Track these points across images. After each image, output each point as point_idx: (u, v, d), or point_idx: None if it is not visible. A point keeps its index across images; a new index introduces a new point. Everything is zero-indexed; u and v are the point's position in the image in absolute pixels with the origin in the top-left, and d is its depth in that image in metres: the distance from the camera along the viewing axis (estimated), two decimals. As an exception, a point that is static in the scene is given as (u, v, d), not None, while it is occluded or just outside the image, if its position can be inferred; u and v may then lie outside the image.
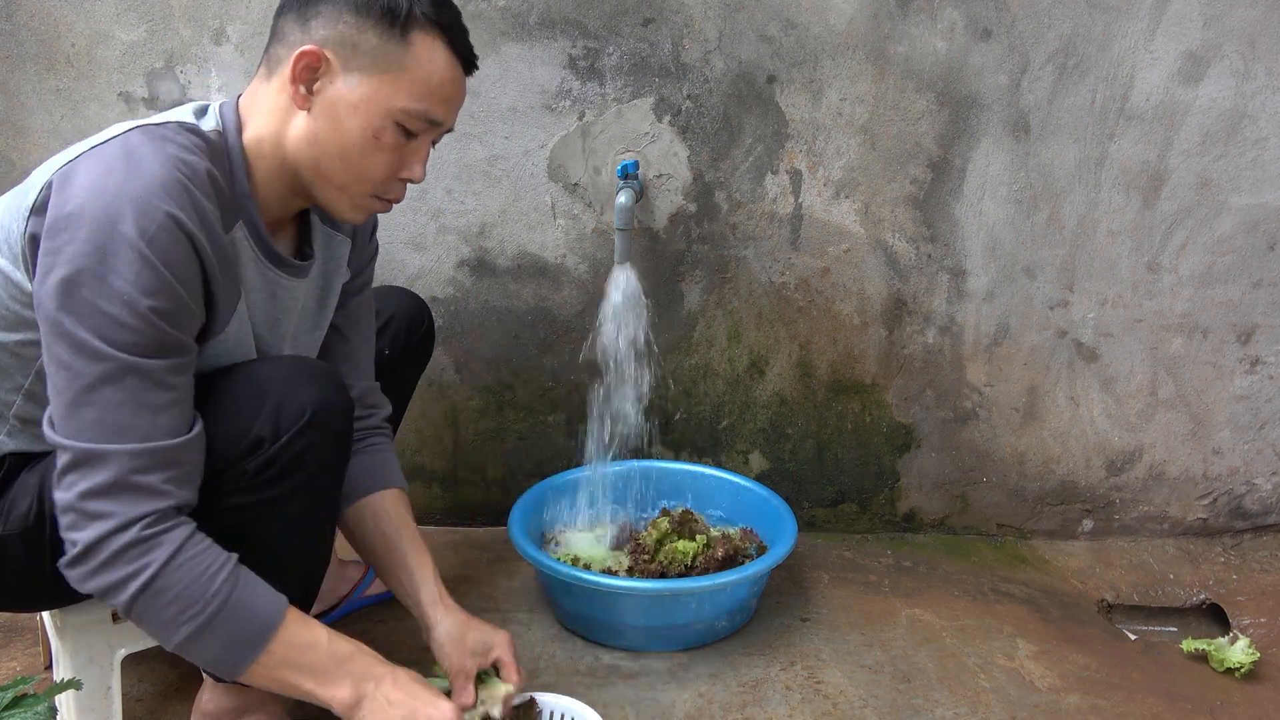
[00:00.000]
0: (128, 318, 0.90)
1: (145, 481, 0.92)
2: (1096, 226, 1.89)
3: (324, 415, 1.06)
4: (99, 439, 0.90)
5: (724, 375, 1.99)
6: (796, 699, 1.47)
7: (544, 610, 1.69)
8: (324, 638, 1.03)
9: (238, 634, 0.97)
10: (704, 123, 1.82)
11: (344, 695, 1.02)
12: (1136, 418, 2.01)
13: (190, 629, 0.94)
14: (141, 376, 0.92)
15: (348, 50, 1.03)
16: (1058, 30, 1.77)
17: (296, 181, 1.09)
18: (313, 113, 1.05)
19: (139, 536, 0.91)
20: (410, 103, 1.05)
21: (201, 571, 0.94)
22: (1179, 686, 1.56)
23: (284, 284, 1.15)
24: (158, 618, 0.94)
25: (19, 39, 1.76)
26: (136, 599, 0.92)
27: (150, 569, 0.91)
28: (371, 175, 1.08)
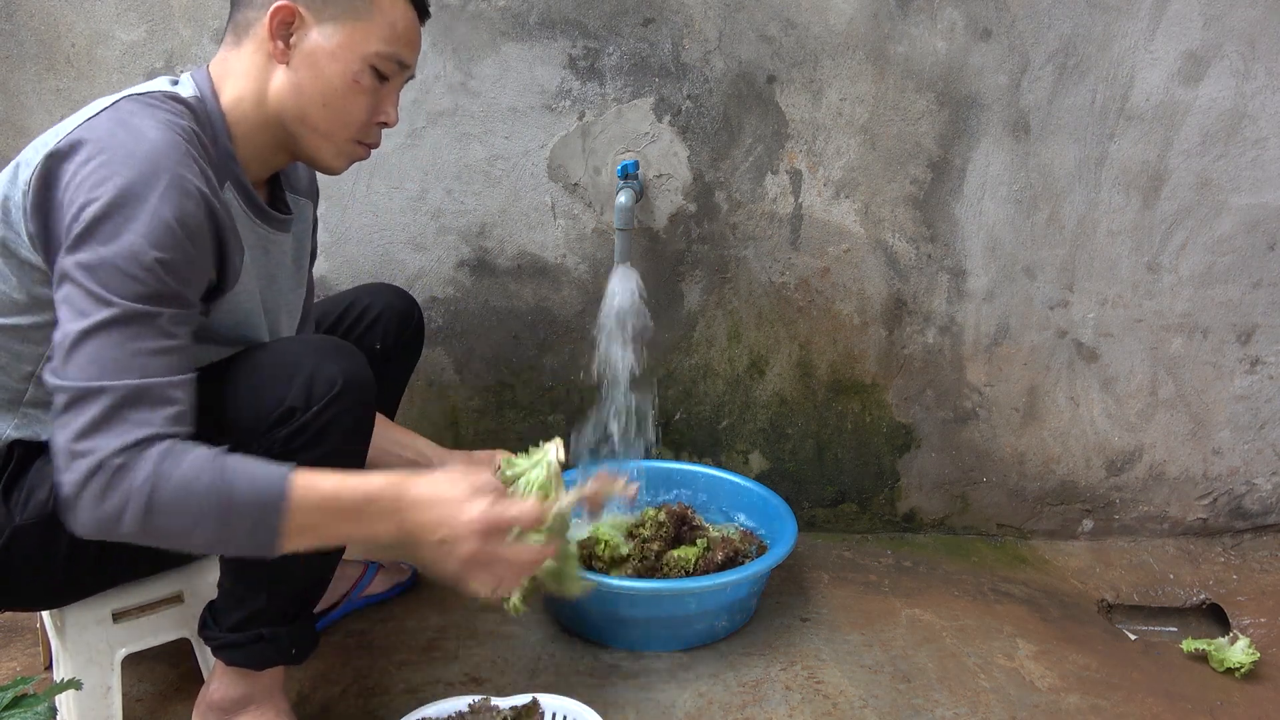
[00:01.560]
0: (135, 269, 0.93)
1: (134, 416, 0.92)
2: (1096, 226, 1.89)
3: (352, 387, 1.10)
4: (94, 377, 0.91)
5: (724, 375, 1.99)
6: (796, 699, 1.47)
7: (544, 610, 1.69)
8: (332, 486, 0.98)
9: (253, 516, 0.94)
10: (704, 123, 1.82)
11: (386, 531, 1.00)
12: (1136, 418, 2.01)
13: (205, 532, 0.93)
14: (142, 322, 0.94)
15: (318, 2, 1.09)
16: (1058, 30, 1.77)
17: (279, 137, 1.14)
18: (292, 65, 1.10)
19: (122, 463, 0.90)
20: (382, 46, 1.12)
21: (189, 475, 0.92)
22: (1179, 686, 1.56)
23: (273, 239, 1.21)
24: (172, 533, 0.93)
25: (19, 39, 1.76)
26: (142, 524, 0.91)
27: (139, 493, 0.90)
28: (354, 119, 1.14)
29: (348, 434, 1.11)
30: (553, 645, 1.59)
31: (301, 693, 1.43)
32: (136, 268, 0.93)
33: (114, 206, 0.94)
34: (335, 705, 1.41)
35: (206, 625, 1.20)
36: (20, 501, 1.08)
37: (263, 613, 1.17)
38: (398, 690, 1.44)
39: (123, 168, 0.95)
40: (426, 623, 1.64)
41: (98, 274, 0.93)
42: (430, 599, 1.72)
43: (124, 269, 0.93)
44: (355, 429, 1.13)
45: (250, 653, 1.18)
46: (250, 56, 1.12)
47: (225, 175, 1.11)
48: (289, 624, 1.19)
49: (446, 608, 1.69)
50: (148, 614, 1.27)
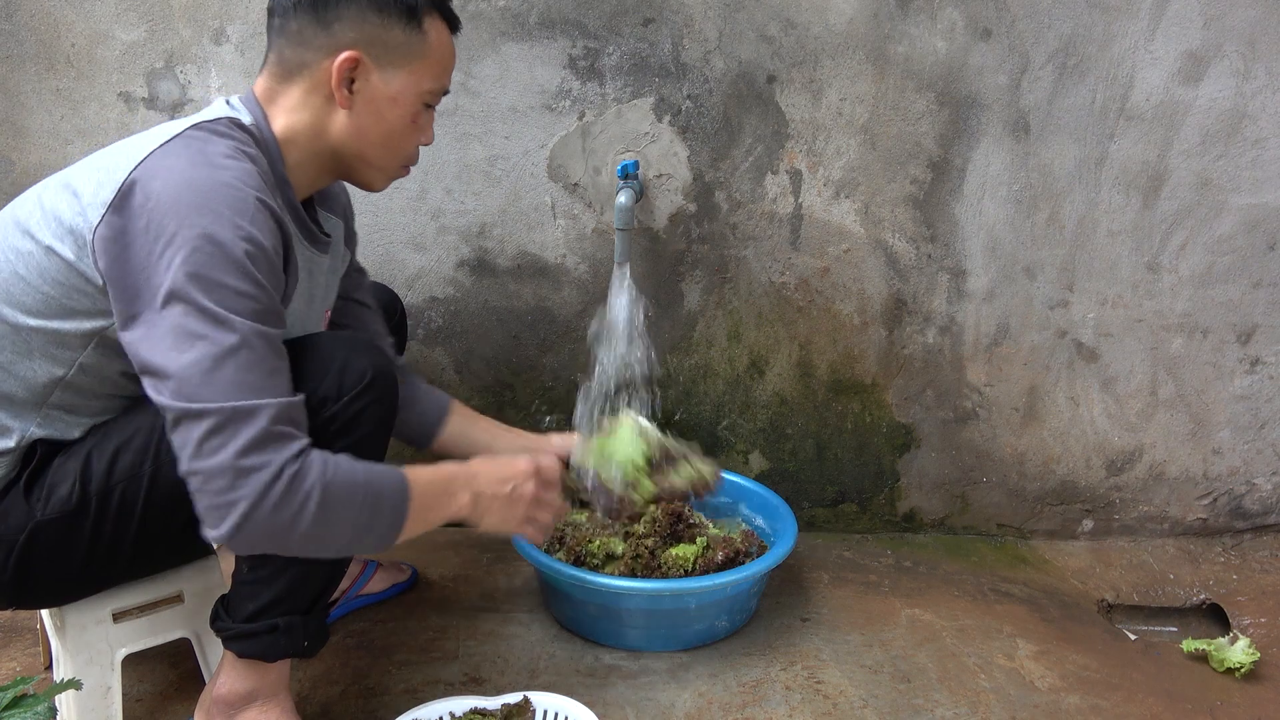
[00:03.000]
0: (250, 288, 0.99)
1: (289, 430, 0.99)
2: (1096, 226, 1.89)
3: (381, 380, 1.15)
4: (244, 396, 0.96)
5: (724, 375, 1.99)
6: (796, 699, 1.47)
7: (544, 610, 1.69)
8: (431, 470, 1.14)
9: (392, 503, 1.06)
10: (704, 123, 1.82)
11: (464, 501, 1.16)
12: (1136, 418, 2.01)
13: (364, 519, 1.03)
14: (266, 343, 1.00)
15: (379, 48, 1.13)
16: (1058, 30, 1.77)
17: (330, 166, 1.20)
18: (354, 109, 1.15)
19: (295, 470, 0.98)
20: (433, 83, 1.19)
21: (348, 473, 1.02)
22: (1179, 686, 1.56)
23: (317, 260, 1.26)
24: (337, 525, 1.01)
25: (19, 39, 1.76)
26: (318, 521, 0.99)
27: (317, 489, 0.98)
28: (407, 152, 1.22)
29: (376, 423, 1.16)
30: (552, 645, 1.59)
31: (301, 693, 1.43)
32: (246, 283, 0.98)
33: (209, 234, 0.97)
34: (335, 705, 1.41)
35: (218, 618, 1.20)
36: (42, 498, 1.09)
37: (279, 604, 1.18)
38: (398, 690, 1.44)
39: (210, 197, 0.98)
40: (426, 623, 1.64)
41: (212, 294, 0.96)
42: (430, 599, 1.72)
43: (234, 287, 0.97)
44: (382, 418, 1.18)
45: (264, 643, 1.18)
46: (305, 95, 1.14)
47: (281, 197, 1.14)
48: (304, 615, 1.20)
49: (446, 608, 1.69)
50: (148, 614, 1.27)
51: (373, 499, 1.04)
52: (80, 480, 1.08)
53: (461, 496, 1.16)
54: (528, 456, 1.24)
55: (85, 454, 1.10)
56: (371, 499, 1.04)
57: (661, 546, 1.62)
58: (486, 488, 1.18)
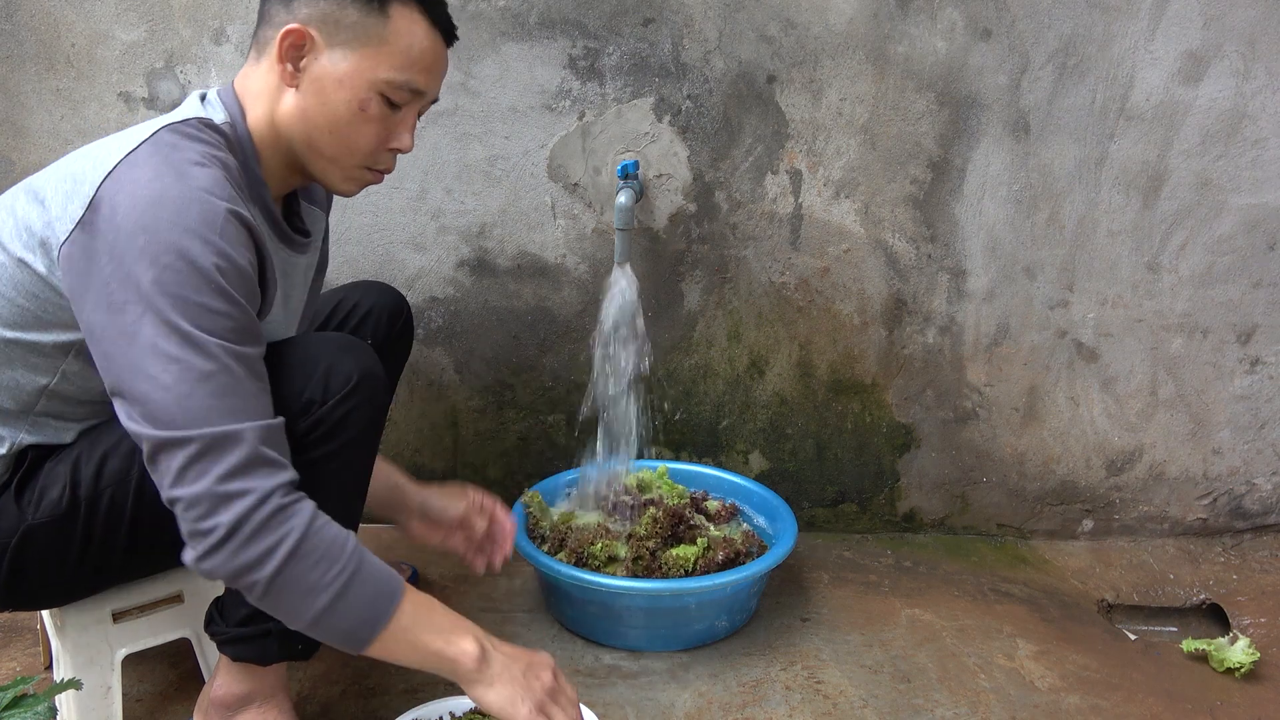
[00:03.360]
0: (220, 304, 0.94)
1: (272, 455, 0.95)
2: (1096, 226, 1.89)
3: (368, 382, 1.12)
4: (224, 421, 0.93)
5: (724, 375, 1.99)
6: (796, 699, 1.47)
7: (544, 610, 1.69)
8: (436, 603, 1.08)
9: (373, 595, 0.99)
10: (704, 123, 1.82)
11: (471, 649, 1.06)
12: (1136, 418, 2.01)
13: (331, 593, 0.96)
14: (244, 363, 0.96)
15: (330, 26, 1.07)
16: (1058, 30, 1.77)
17: (292, 158, 1.14)
18: (300, 89, 1.09)
19: (280, 504, 0.94)
20: (393, 74, 1.09)
21: (334, 536, 0.97)
22: (1179, 686, 1.56)
23: (292, 261, 1.21)
24: (299, 586, 0.95)
25: (19, 39, 1.76)
26: (281, 569, 0.93)
27: (295, 533, 0.94)
28: (360, 146, 1.12)
29: (363, 426, 1.13)
30: (553, 645, 1.59)
31: (301, 693, 1.43)
32: (220, 301, 0.94)
33: (179, 250, 0.92)
34: (335, 705, 1.41)
35: (213, 621, 1.20)
36: (33, 502, 1.08)
37: None
38: (397, 690, 1.44)
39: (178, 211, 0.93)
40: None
41: (186, 314, 0.92)
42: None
43: (209, 305, 0.93)
44: (370, 422, 1.15)
45: (257, 648, 1.18)
46: (265, 76, 1.11)
47: (255, 200, 1.11)
48: None
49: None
50: (148, 614, 1.27)
51: (355, 576, 0.97)
52: (70, 484, 1.07)
53: (467, 643, 1.06)
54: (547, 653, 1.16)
55: (74, 458, 1.09)
56: (353, 576, 0.97)
57: (662, 548, 1.63)
58: (500, 651, 1.10)
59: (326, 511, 1.12)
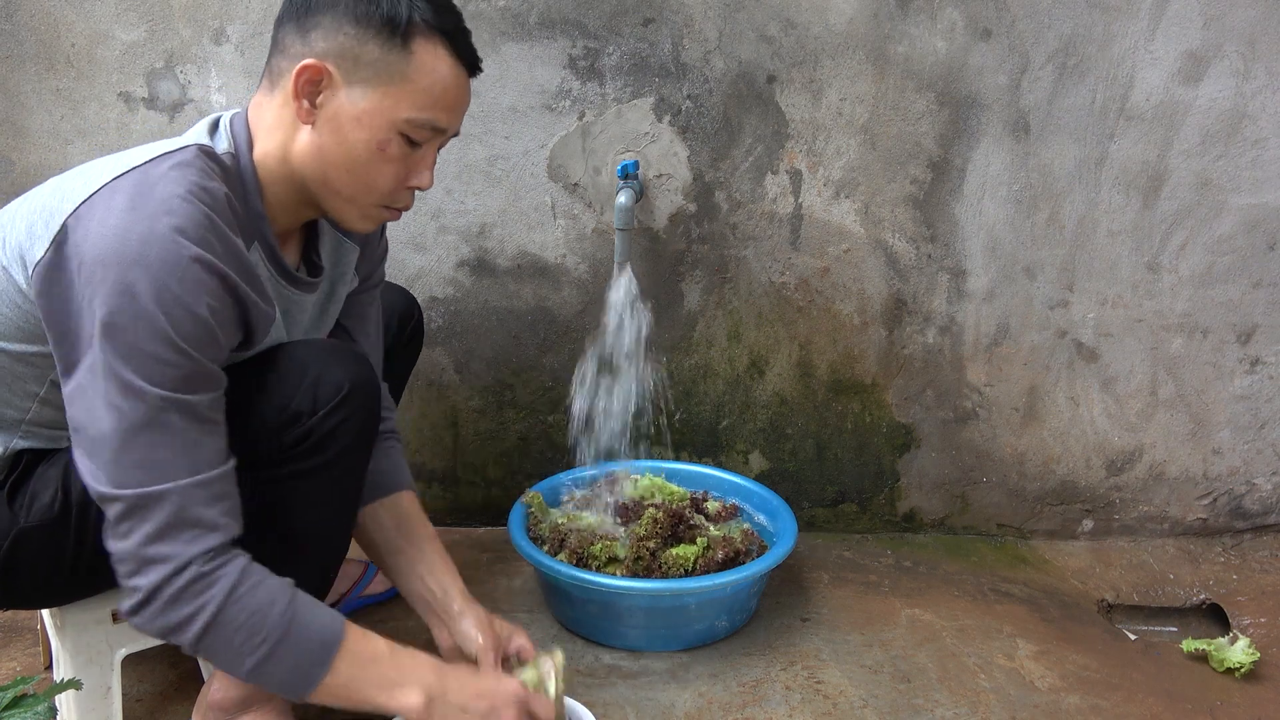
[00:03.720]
0: (168, 354, 0.91)
1: (201, 515, 0.94)
2: (1096, 226, 1.89)
3: (358, 392, 1.09)
4: (150, 481, 0.92)
5: (724, 375, 1.99)
6: (796, 699, 1.47)
7: (544, 610, 1.69)
8: (385, 649, 1.05)
9: (302, 657, 0.98)
10: (704, 123, 1.82)
11: (414, 702, 1.04)
12: (1136, 418, 2.01)
13: (256, 658, 0.96)
14: (185, 412, 0.93)
15: (349, 62, 1.02)
16: (1058, 30, 1.77)
17: (305, 194, 1.10)
18: (317, 126, 1.05)
19: (198, 573, 0.93)
20: (414, 113, 1.05)
21: (261, 602, 0.96)
22: (1179, 686, 1.56)
23: (295, 299, 1.18)
24: (224, 650, 0.96)
25: (19, 39, 1.76)
26: (202, 636, 0.94)
27: (212, 605, 0.93)
28: (379, 186, 1.08)
29: (354, 437, 1.11)
30: (552, 645, 1.59)
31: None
32: (166, 350, 0.91)
33: (132, 295, 0.89)
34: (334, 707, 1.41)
35: None
36: (25, 505, 1.08)
37: None
38: (398, 690, 1.44)
39: (139, 252, 0.90)
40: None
41: (127, 362, 0.90)
42: (430, 599, 1.72)
43: (153, 354, 0.91)
44: (361, 434, 1.13)
45: None
46: (279, 109, 1.06)
47: (253, 235, 1.07)
48: None
49: (446, 608, 1.69)
50: (148, 614, 1.26)
51: (280, 643, 0.96)
52: (61, 488, 1.07)
53: (410, 693, 1.03)
54: (520, 682, 1.13)
55: (66, 463, 1.08)
56: (279, 642, 0.96)
57: (662, 548, 1.63)
58: (454, 696, 1.05)
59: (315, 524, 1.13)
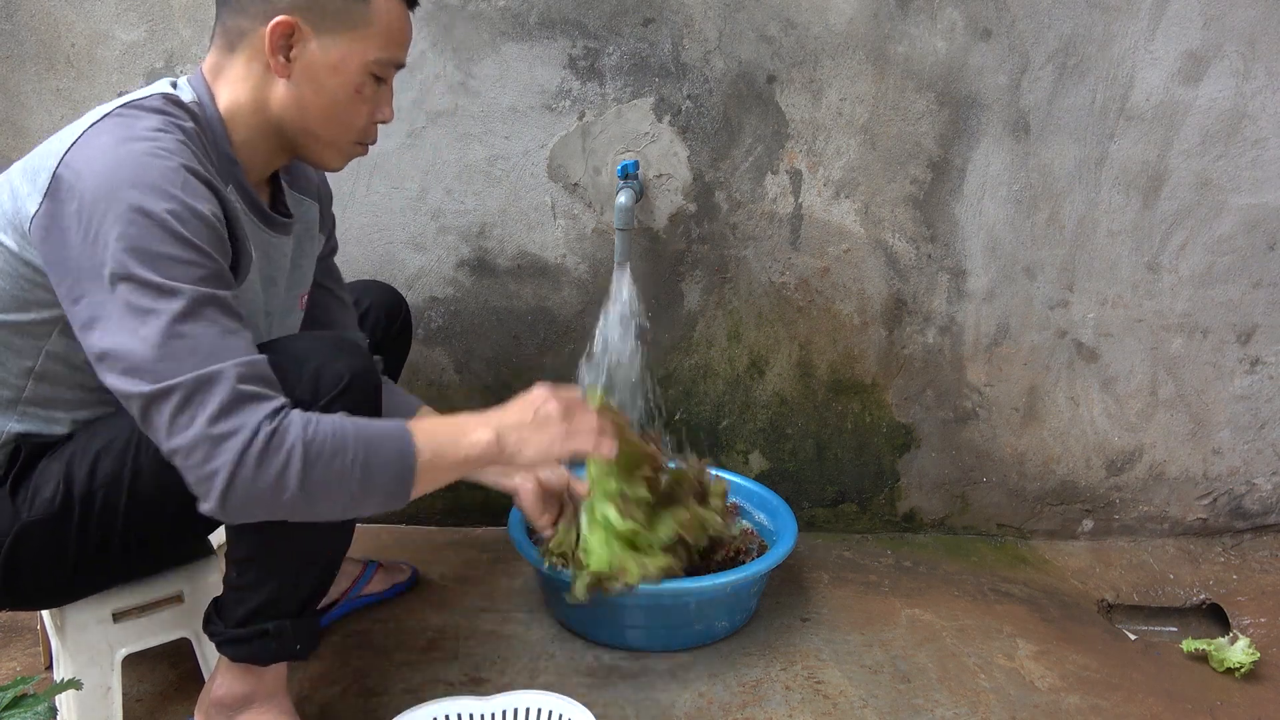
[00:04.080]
0: (189, 254, 0.95)
1: (256, 390, 0.95)
2: (1096, 226, 1.89)
3: (359, 383, 1.11)
4: (203, 364, 0.93)
5: (724, 375, 1.99)
6: (796, 699, 1.47)
7: (544, 610, 1.69)
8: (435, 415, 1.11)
9: (391, 448, 1.00)
10: (704, 123, 1.82)
11: (487, 437, 1.07)
12: (1136, 418, 2.01)
13: (358, 471, 0.97)
14: (218, 305, 0.96)
15: (316, 14, 1.08)
16: (1058, 30, 1.77)
17: (280, 142, 1.15)
18: (293, 79, 1.10)
19: (271, 430, 0.93)
20: (380, 53, 1.12)
21: (332, 426, 0.97)
22: (1179, 686, 1.56)
23: (274, 242, 1.21)
24: (328, 480, 0.96)
25: (19, 39, 1.76)
26: (304, 477, 0.94)
27: (299, 446, 0.94)
28: (356, 125, 1.15)
29: None
30: (553, 645, 1.59)
31: (301, 693, 1.42)
32: (183, 250, 0.94)
33: (137, 208, 0.93)
34: (335, 705, 1.41)
35: (210, 621, 1.20)
36: (27, 500, 1.08)
37: (268, 608, 1.17)
38: (397, 690, 1.44)
39: (135, 171, 0.95)
40: (426, 623, 1.64)
41: (152, 265, 0.93)
42: (430, 599, 1.72)
43: (173, 255, 0.94)
44: None
45: (255, 648, 1.18)
46: (246, 65, 1.11)
47: (227, 178, 1.11)
48: (294, 619, 1.19)
49: (446, 608, 1.69)
50: (148, 614, 1.26)
51: (368, 451, 0.98)
52: (64, 482, 1.07)
53: (480, 433, 1.07)
54: (538, 384, 1.17)
55: (68, 456, 1.09)
56: (367, 451, 0.98)
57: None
58: (508, 420, 1.10)
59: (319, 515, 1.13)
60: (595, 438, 1.16)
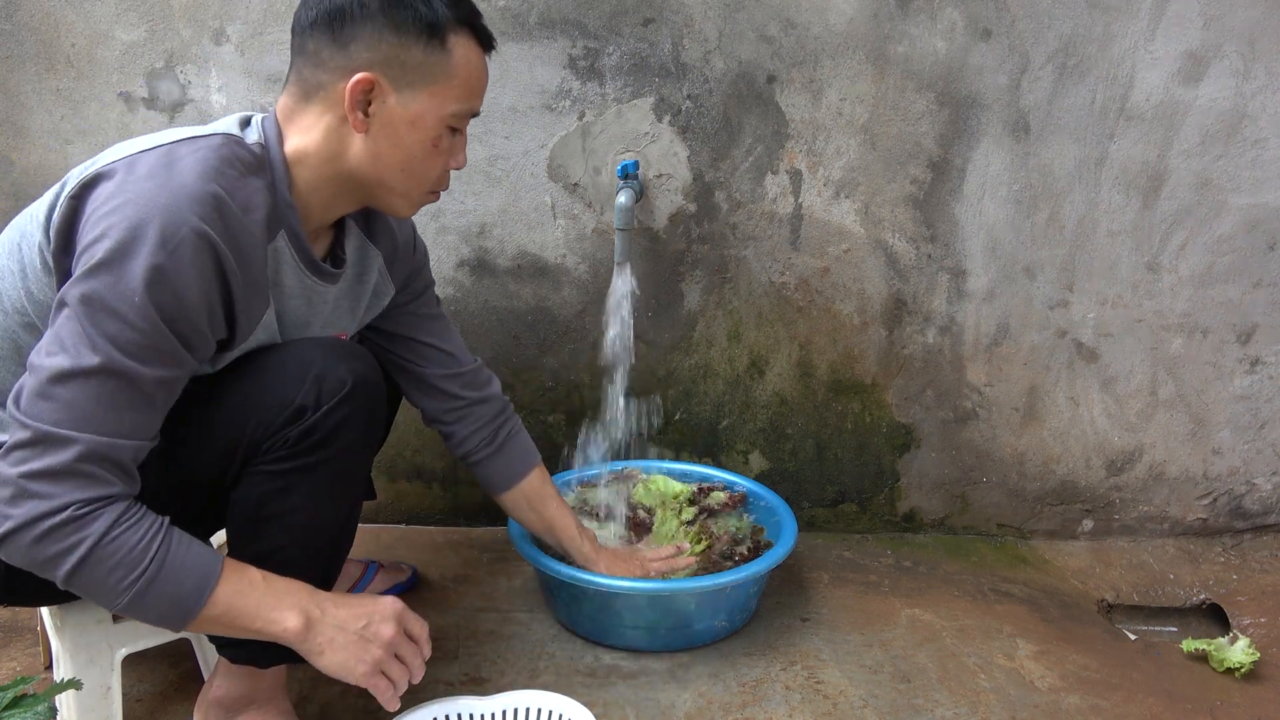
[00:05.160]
0: (135, 318, 0.93)
1: (95, 471, 0.94)
2: (1096, 226, 1.89)
3: (362, 388, 1.10)
4: (63, 424, 0.92)
5: (724, 375, 1.99)
6: (796, 699, 1.47)
7: (544, 610, 1.69)
8: (260, 577, 1.04)
9: (180, 590, 0.98)
10: (704, 123, 1.82)
11: (294, 624, 1.03)
12: (1136, 418, 2.01)
13: (133, 593, 0.96)
14: (126, 381, 0.94)
15: (396, 69, 1.06)
16: (1058, 30, 1.77)
17: (348, 190, 1.13)
18: (370, 133, 1.08)
19: (75, 515, 0.93)
20: (458, 106, 1.11)
21: (136, 541, 0.95)
22: (1179, 686, 1.56)
23: (319, 290, 1.19)
24: (98, 587, 0.96)
25: (19, 39, 1.76)
26: (73, 574, 0.94)
27: (86, 544, 0.93)
28: (430, 177, 1.15)
29: (358, 434, 1.12)
30: (553, 645, 1.59)
31: (301, 693, 1.42)
32: (135, 316, 0.92)
33: (122, 251, 0.91)
34: (335, 705, 1.41)
35: None
36: None
37: None
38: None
39: (141, 214, 0.93)
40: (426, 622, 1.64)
41: (95, 314, 0.92)
42: (430, 599, 1.72)
43: (122, 315, 0.92)
44: (366, 428, 1.14)
45: (255, 651, 1.18)
46: (321, 117, 1.08)
47: (280, 224, 1.09)
48: None
49: (446, 608, 1.69)
50: (148, 614, 1.26)
51: (157, 580, 0.96)
52: None
53: (290, 618, 1.03)
54: (394, 597, 1.12)
55: None
56: (155, 580, 0.96)
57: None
58: (331, 616, 1.06)
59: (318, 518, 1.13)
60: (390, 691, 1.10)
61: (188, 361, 1.00)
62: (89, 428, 0.93)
